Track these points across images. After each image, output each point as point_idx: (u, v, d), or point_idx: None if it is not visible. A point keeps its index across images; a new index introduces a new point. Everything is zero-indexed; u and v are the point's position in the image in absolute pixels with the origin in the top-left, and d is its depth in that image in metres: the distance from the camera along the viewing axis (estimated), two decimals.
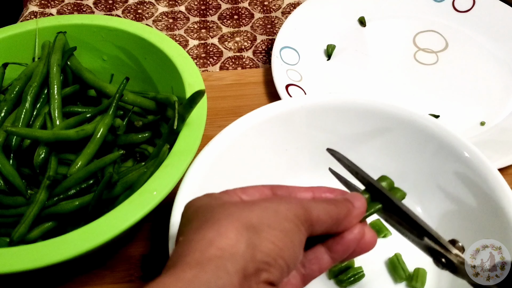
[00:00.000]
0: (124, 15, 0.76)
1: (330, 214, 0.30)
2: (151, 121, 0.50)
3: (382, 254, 0.46)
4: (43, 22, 0.55)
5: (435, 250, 0.31)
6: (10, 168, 0.45)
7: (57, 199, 0.44)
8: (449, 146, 0.45)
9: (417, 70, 0.66)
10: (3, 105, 0.49)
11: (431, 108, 0.61)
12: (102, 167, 0.44)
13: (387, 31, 0.71)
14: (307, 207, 0.29)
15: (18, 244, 0.42)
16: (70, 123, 0.48)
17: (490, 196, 0.42)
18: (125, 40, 0.55)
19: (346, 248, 0.31)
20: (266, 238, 0.26)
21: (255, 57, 0.70)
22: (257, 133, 0.47)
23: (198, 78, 0.48)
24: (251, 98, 0.63)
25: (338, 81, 0.64)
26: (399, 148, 0.49)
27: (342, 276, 0.44)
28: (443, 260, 0.31)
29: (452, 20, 0.72)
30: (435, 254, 0.31)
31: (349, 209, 0.31)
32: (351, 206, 0.31)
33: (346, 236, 0.31)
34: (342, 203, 0.31)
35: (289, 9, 0.77)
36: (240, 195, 0.31)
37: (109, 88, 0.51)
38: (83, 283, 0.46)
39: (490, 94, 0.63)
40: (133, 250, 0.48)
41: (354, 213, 0.31)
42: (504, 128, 0.59)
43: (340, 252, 0.31)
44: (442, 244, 0.31)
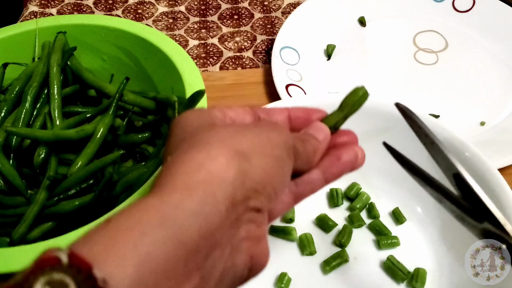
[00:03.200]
0: (124, 15, 0.76)
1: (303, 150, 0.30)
2: (151, 121, 0.50)
3: (378, 258, 0.46)
4: (43, 22, 0.55)
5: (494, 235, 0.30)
6: (10, 168, 0.45)
7: (57, 199, 0.44)
8: (449, 146, 0.45)
9: (417, 70, 0.66)
10: (3, 105, 0.49)
11: (431, 108, 0.61)
12: (102, 167, 0.44)
13: (387, 31, 0.71)
14: (294, 137, 0.29)
15: (18, 244, 0.42)
16: (70, 123, 0.48)
17: (490, 196, 0.41)
18: (125, 40, 0.55)
19: (341, 170, 0.31)
20: (257, 164, 0.26)
21: (255, 57, 0.70)
22: None
23: (198, 78, 0.48)
24: (251, 98, 0.63)
25: (338, 81, 0.64)
26: (399, 148, 0.49)
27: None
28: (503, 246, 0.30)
29: (452, 20, 0.72)
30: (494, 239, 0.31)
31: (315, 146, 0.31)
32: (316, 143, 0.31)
33: (342, 158, 0.31)
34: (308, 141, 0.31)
35: (289, 9, 0.77)
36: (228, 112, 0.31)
37: (109, 88, 0.51)
38: None
39: (490, 94, 0.63)
40: None
41: (320, 149, 0.31)
42: (504, 128, 0.59)
43: (335, 174, 0.31)
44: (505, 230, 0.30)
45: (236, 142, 0.26)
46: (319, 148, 0.31)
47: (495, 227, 0.30)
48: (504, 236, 0.30)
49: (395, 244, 0.46)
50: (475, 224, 0.31)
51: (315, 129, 0.32)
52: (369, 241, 0.47)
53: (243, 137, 0.27)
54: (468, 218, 0.32)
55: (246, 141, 0.26)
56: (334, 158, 0.31)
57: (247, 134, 0.27)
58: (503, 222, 0.30)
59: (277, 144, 0.27)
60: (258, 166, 0.26)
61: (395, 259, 0.45)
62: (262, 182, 0.26)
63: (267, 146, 0.27)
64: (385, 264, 0.45)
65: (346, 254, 0.45)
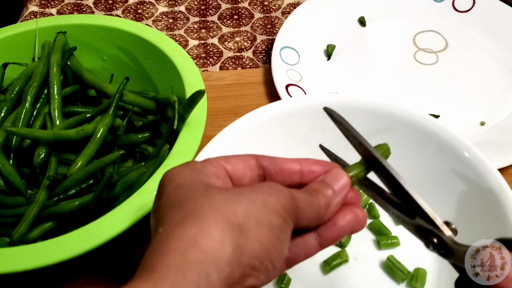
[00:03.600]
0: (124, 15, 0.76)
1: (312, 207, 0.28)
2: (151, 121, 0.50)
3: (378, 258, 0.46)
4: (43, 22, 0.55)
5: (426, 230, 0.30)
6: (10, 168, 0.45)
7: (57, 199, 0.44)
8: (449, 146, 0.45)
9: (417, 70, 0.66)
10: (3, 105, 0.49)
11: (431, 108, 0.61)
12: (102, 167, 0.44)
13: (387, 31, 0.71)
14: (295, 198, 0.27)
15: (18, 244, 0.42)
16: (70, 123, 0.48)
17: (490, 196, 0.42)
18: (125, 40, 0.55)
19: (337, 235, 0.29)
20: (253, 237, 0.24)
21: (255, 57, 0.70)
22: (257, 133, 0.47)
23: (198, 78, 0.48)
24: (251, 98, 0.63)
25: (338, 81, 0.64)
26: (399, 148, 0.48)
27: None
28: (434, 240, 0.30)
29: (452, 20, 0.72)
30: (426, 234, 0.30)
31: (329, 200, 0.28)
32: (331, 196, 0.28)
33: (338, 223, 0.29)
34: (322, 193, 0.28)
35: (289, 9, 0.77)
36: (224, 165, 0.29)
37: (109, 88, 0.51)
38: (83, 283, 0.46)
39: (490, 94, 0.63)
40: (134, 250, 0.48)
41: (333, 203, 0.28)
42: (504, 128, 0.59)
43: (331, 239, 0.29)
44: (435, 224, 0.30)
45: (230, 212, 0.24)
46: (333, 200, 0.28)
47: (426, 222, 0.30)
48: (434, 230, 0.30)
49: (395, 244, 0.46)
50: (408, 220, 0.31)
51: (333, 176, 0.29)
52: (369, 241, 0.47)
53: (238, 205, 0.25)
54: (402, 215, 0.31)
55: (242, 209, 0.25)
56: (329, 222, 0.29)
57: (242, 201, 0.25)
58: (433, 216, 0.30)
59: (274, 211, 0.25)
60: (255, 239, 0.24)
61: (395, 259, 0.45)
62: (259, 257, 0.24)
63: (263, 215, 0.25)
64: (385, 264, 0.45)
65: (346, 254, 0.45)
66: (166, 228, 0.24)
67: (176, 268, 0.22)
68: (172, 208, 0.26)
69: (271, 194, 0.26)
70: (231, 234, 0.24)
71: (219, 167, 0.28)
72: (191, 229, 0.23)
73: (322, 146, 0.36)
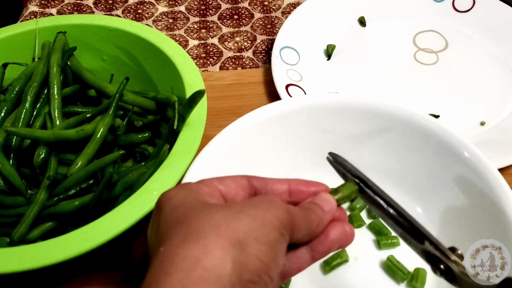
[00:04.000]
0: (124, 15, 0.76)
1: (306, 222, 0.29)
2: (151, 121, 0.50)
3: (378, 258, 0.46)
4: (43, 22, 0.55)
5: (434, 256, 0.31)
6: (10, 168, 0.45)
7: (57, 199, 0.44)
8: (449, 146, 0.45)
9: (417, 70, 0.66)
10: (3, 105, 0.49)
11: (431, 108, 0.61)
12: (102, 167, 0.44)
13: (387, 31, 0.71)
14: (291, 213, 0.28)
15: (18, 244, 0.42)
16: (70, 123, 0.48)
17: (490, 196, 0.42)
18: (125, 40, 0.55)
19: (329, 248, 0.31)
20: (253, 254, 0.26)
21: (255, 57, 0.70)
22: (257, 133, 0.47)
23: (198, 78, 0.48)
24: (251, 98, 0.63)
25: (338, 81, 0.64)
26: (399, 148, 0.49)
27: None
28: (441, 266, 0.31)
29: (452, 20, 0.72)
30: (434, 260, 0.31)
31: (320, 217, 0.30)
32: (322, 213, 0.30)
33: (330, 236, 0.31)
34: (313, 210, 0.30)
35: (289, 9, 0.77)
36: (218, 186, 0.30)
37: (109, 88, 0.51)
38: (83, 283, 0.46)
39: (490, 94, 0.63)
40: (133, 250, 0.48)
41: (324, 221, 0.31)
42: (504, 128, 0.59)
43: (322, 252, 0.31)
44: (441, 250, 0.31)
45: (231, 230, 0.26)
46: (324, 219, 0.30)
47: (434, 248, 0.31)
48: (442, 257, 0.31)
49: (395, 244, 0.46)
50: (416, 244, 0.32)
51: (321, 199, 0.31)
52: (369, 241, 0.47)
53: (238, 222, 0.26)
54: (410, 238, 0.32)
55: (242, 227, 0.26)
56: (322, 236, 0.31)
57: (243, 219, 0.26)
58: (438, 242, 0.31)
59: (272, 225, 0.27)
60: (254, 255, 0.26)
61: (395, 259, 0.45)
62: (258, 272, 0.26)
63: (263, 232, 0.26)
64: (385, 264, 0.45)
65: (346, 254, 0.45)
66: (168, 247, 0.26)
67: (181, 285, 0.23)
68: (173, 227, 0.27)
69: (269, 210, 0.27)
70: (231, 251, 0.25)
71: (213, 188, 0.30)
72: (194, 248, 0.25)
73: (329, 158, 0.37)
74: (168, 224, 0.27)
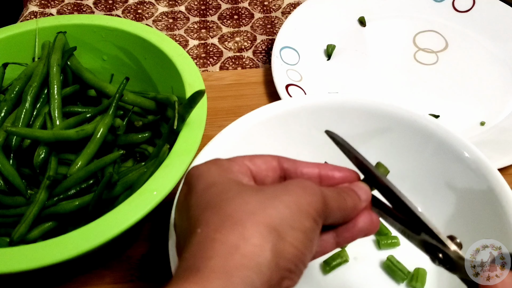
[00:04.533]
0: (124, 15, 0.76)
1: (340, 206, 0.29)
2: (151, 121, 0.50)
3: (378, 258, 0.46)
4: (43, 22, 0.55)
5: (432, 245, 0.31)
6: (10, 168, 0.45)
7: (57, 199, 0.44)
8: (449, 146, 0.45)
9: (417, 70, 0.66)
10: (3, 105, 0.49)
11: (431, 108, 0.61)
12: (102, 167, 0.44)
13: (387, 31, 0.71)
14: (325, 198, 0.28)
15: (18, 244, 0.42)
16: (70, 123, 0.48)
17: (490, 196, 0.42)
18: (125, 40, 0.55)
19: (355, 236, 0.31)
20: (289, 242, 0.26)
21: (255, 57, 0.70)
22: (257, 133, 0.47)
23: (198, 78, 0.48)
24: (251, 98, 0.63)
25: (338, 81, 0.64)
26: (399, 148, 0.49)
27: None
28: (440, 255, 0.31)
29: (452, 20, 0.72)
30: (432, 249, 0.31)
31: (356, 203, 0.30)
32: (358, 200, 0.31)
33: (357, 225, 0.31)
34: (350, 195, 0.30)
35: (289, 9, 0.77)
36: (248, 164, 0.30)
37: (109, 88, 0.51)
38: (83, 283, 0.46)
39: (490, 94, 0.63)
40: (133, 250, 0.48)
41: (359, 207, 0.31)
42: (504, 128, 0.59)
43: (348, 239, 0.31)
44: (440, 239, 0.30)
45: (267, 217, 0.26)
46: (359, 206, 0.31)
47: (431, 237, 0.31)
48: (439, 245, 0.30)
49: (395, 244, 0.46)
50: (414, 236, 0.32)
51: (359, 187, 0.32)
52: (369, 241, 0.47)
53: (273, 209, 0.26)
54: (408, 231, 0.32)
55: (277, 214, 0.26)
56: (350, 223, 0.31)
57: (278, 205, 0.26)
58: (437, 231, 0.31)
59: (307, 213, 0.27)
60: (290, 243, 0.26)
61: (395, 259, 0.45)
62: (294, 261, 0.26)
63: (298, 219, 0.26)
64: (385, 264, 0.45)
65: (346, 254, 0.45)
66: (205, 230, 0.25)
67: (222, 271, 0.23)
68: (207, 209, 0.26)
69: (304, 196, 0.27)
70: (269, 239, 0.25)
71: (244, 167, 0.30)
72: (231, 235, 0.25)
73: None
74: (202, 206, 0.27)
